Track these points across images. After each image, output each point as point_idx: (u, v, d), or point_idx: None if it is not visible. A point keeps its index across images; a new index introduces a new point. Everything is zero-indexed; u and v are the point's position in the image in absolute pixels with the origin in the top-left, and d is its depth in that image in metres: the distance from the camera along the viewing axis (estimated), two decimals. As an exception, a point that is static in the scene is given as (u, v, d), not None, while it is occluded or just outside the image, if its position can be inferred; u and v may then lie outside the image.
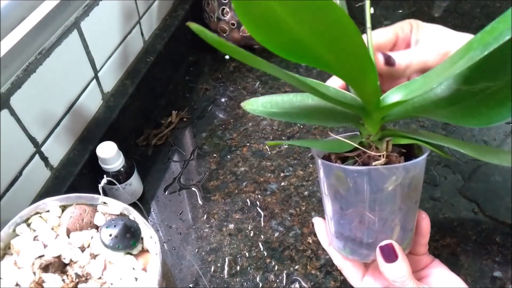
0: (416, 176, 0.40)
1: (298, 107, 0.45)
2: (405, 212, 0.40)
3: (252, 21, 0.29)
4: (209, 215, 0.68)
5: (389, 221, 0.40)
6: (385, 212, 0.40)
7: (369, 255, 0.43)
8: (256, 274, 0.60)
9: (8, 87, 0.49)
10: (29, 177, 0.55)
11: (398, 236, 0.41)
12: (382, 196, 0.39)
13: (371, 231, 0.41)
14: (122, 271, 0.41)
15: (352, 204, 0.41)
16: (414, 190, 0.40)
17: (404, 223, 0.41)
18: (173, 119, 0.82)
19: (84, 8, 0.60)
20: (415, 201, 0.41)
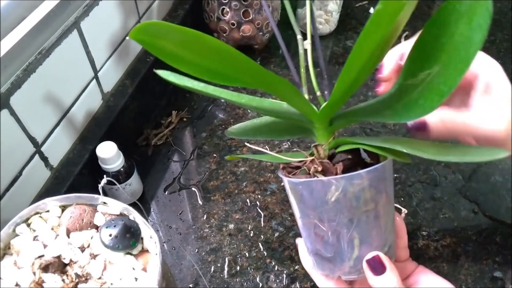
0: (368, 189, 0.37)
1: (259, 125, 0.51)
2: (362, 226, 0.38)
3: (159, 54, 0.33)
4: (209, 215, 0.68)
5: (342, 234, 0.38)
6: (335, 224, 0.38)
7: (334, 269, 0.41)
8: (256, 274, 0.60)
9: (8, 87, 0.49)
10: (29, 177, 0.54)
11: (361, 253, 0.39)
12: (327, 207, 0.38)
13: (327, 244, 0.40)
14: (122, 271, 0.41)
15: (305, 214, 0.40)
16: (369, 203, 0.37)
17: (364, 238, 0.39)
18: (173, 119, 0.82)
19: (84, 8, 0.60)
20: (374, 215, 0.38)
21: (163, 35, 0.31)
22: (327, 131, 0.41)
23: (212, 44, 0.32)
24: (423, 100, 0.33)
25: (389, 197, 0.40)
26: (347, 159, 0.40)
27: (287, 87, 0.35)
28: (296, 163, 0.42)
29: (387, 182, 0.39)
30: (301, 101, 0.39)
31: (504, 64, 0.40)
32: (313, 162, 0.40)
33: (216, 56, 0.33)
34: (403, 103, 0.35)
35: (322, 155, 0.41)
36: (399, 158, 0.36)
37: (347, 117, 0.41)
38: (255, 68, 0.32)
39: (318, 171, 0.39)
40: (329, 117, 0.41)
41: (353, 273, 0.40)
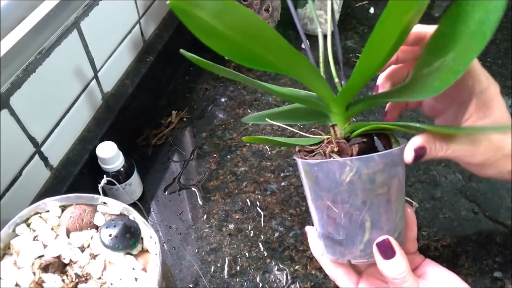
0: (381, 172, 0.38)
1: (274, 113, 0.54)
2: (374, 209, 0.39)
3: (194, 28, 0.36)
4: (209, 215, 0.68)
5: (355, 217, 0.39)
6: (348, 206, 0.39)
7: (345, 253, 0.41)
8: (256, 274, 0.60)
9: (8, 87, 0.49)
10: (28, 177, 0.54)
11: (372, 236, 0.40)
12: (342, 189, 0.39)
13: (339, 226, 0.40)
14: (122, 271, 0.41)
15: (319, 196, 0.41)
16: (381, 186, 0.39)
17: (376, 221, 0.40)
18: (173, 119, 0.82)
19: (84, 8, 0.60)
20: (386, 199, 0.39)
21: (200, 3, 0.32)
22: (344, 117, 0.43)
23: (244, 13, 0.33)
24: (438, 82, 0.34)
25: (401, 183, 0.40)
26: (362, 142, 0.41)
27: (310, 67, 0.37)
28: (311, 147, 0.43)
29: (399, 168, 0.39)
30: (321, 84, 0.40)
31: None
32: (330, 143, 0.41)
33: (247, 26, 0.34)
34: (419, 86, 0.37)
35: (339, 135, 0.42)
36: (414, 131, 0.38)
37: (364, 101, 0.42)
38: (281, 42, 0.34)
39: (334, 152, 0.40)
40: (346, 101, 0.42)
41: (363, 257, 0.41)
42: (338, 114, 0.43)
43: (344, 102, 0.42)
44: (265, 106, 0.85)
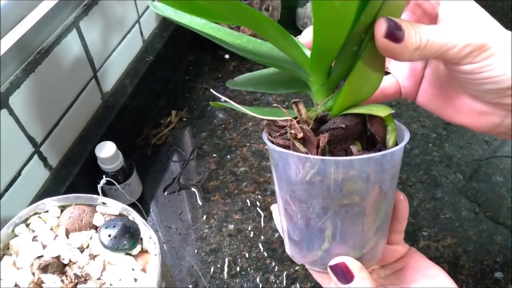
0: (354, 180, 0.30)
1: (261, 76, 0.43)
2: (337, 220, 0.32)
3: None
4: (209, 215, 0.67)
5: (312, 221, 0.32)
6: (305, 208, 0.32)
7: (300, 256, 0.36)
8: (256, 275, 0.60)
9: (7, 87, 0.49)
10: (28, 177, 0.54)
11: (332, 247, 0.33)
12: (301, 187, 0.31)
13: (295, 226, 0.34)
14: (121, 271, 0.41)
15: (280, 186, 0.34)
16: (351, 197, 0.31)
17: (338, 233, 0.32)
18: (173, 119, 0.82)
19: (83, 7, 0.59)
20: (356, 211, 0.31)
21: None
22: (324, 87, 0.33)
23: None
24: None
25: (385, 193, 0.32)
26: (339, 128, 0.31)
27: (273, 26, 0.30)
28: (282, 123, 0.33)
29: (385, 175, 0.31)
30: (289, 43, 0.32)
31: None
32: (292, 126, 0.32)
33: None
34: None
35: (304, 116, 0.32)
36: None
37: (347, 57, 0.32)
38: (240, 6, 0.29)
39: (297, 138, 0.31)
40: (324, 65, 0.32)
41: (318, 266, 0.35)
42: (317, 83, 0.33)
43: (322, 65, 0.32)
44: (265, 105, 0.85)
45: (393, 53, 0.29)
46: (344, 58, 0.31)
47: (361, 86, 0.32)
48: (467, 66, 0.29)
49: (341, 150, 0.32)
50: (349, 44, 0.30)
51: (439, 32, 0.29)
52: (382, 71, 0.32)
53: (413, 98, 0.39)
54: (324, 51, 0.31)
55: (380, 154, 0.30)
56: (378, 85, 0.33)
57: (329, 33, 0.29)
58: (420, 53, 0.29)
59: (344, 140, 0.32)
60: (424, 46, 0.29)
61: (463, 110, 0.34)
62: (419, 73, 0.37)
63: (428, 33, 0.29)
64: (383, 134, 0.32)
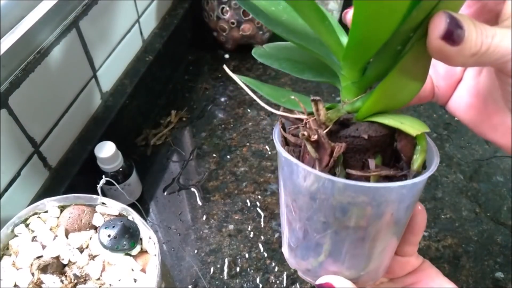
0: (363, 206, 0.27)
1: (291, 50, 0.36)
2: (337, 239, 0.29)
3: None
4: (209, 215, 0.67)
5: (310, 235, 0.30)
6: (305, 219, 0.30)
7: (294, 261, 0.34)
8: (256, 275, 0.60)
9: (7, 87, 0.48)
10: (27, 177, 0.54)
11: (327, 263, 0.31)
12: (303, 198, 0.29)
13: (293, 234, 0.32)
14: (121, 272, 0.41)
15: (283, 185, 0.32)
16: (355, 221, 0.28)
17: (336, 252, 0.30)
18: (172, 119, 0.82)
19: (83, 7, 0.59)
20: (359, 236, 0.29)
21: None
22: (356, 85, 0.29)
23: None
24: None
25: (396, 220, 0.29)
26: (361, 138, 0.28)
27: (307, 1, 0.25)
28: (298, 116, 0.30)
29: (401, 204, 0.28)
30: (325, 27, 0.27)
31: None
32: (308, 125, 0.28)
33: None
34: None
35: (322, 118, 0.28)
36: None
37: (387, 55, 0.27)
38: None
39: (309, 140, 0.28)
40: (360, 61, 0.28)
41: (311, 276, 0.33)
42: (348, 78, 0.29)
43: (357, 60, 0.28)
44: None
45: (446, 57, 0.25)
46: (384, 57, 0.27)
47: (396, 92, 0.28)
48: None
49: (358, 161, 0.29)
50: (393, 42, 0.26)
51: (504, 37, 0.24)
52: (423, 79, 0.28)
53: (445, 102, 0.34)
54: (362, 46, 0.26)
55: (397, 185, 0.26)
56: (416, 94, 0.29)
57: (371, 27, 0.25)
58: (477, 60, 0.24)
59: (363, 151, 0.28)
60: (484, 51, 0.24)
61: (500, 128, 0.29)
62: (458, 74, 0.33)
63: (492, 36, 0.24)
64: (410, 153, 0.28)
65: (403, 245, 0.36)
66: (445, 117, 0.81)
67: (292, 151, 0.30)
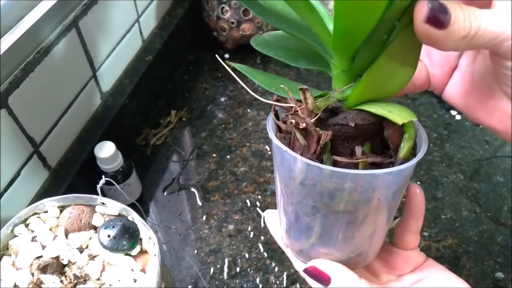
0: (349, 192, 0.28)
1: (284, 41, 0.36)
2: (326, 223, 0.30)
3: None
4: (209, 215, 0.67)
5: (301, 218, 0.31)
6: (296, 202, 0.31)
7: (287, 241, 0.35)
8: (256, 276, 0.60)
9: (6, 87, 0.48)
10: (27, 177, 0.54)
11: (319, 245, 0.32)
12: (293, 183, 0.30)
13: (286, 217, 0.33)
14: (121, 272, 0.41)
15: (277, 171, 0.32)
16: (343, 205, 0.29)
17: (327, 235, 0.31)
18: (172, 119, 0.82)
19: (83, 7, 0.59)
20: (348, 220, 0.30)
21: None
22: (346, 73, 0.30)
23: None
24: None
25: (385, 204, 0.30)
26: (348, 126, 0.28)
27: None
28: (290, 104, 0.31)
29: (387, 190, 0.29)
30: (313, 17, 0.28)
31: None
32: (297, 113, 0.29)
33: None
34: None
35: (310, 106, 0.29)
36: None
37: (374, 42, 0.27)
38: None
39: (298, 128, 0.28)
40: (348, 49, 0.28)
41: (303, 257, 0.34)
42: (338, 67, 0.30)
43: (345, 49, 0.28)
44: (265, 105, 0.84)
45: (434, 41, 0.25)
46: (371, 46, 0.27)
47: (385, 80, 0.28)
48: None
49: (347, 149, 0.29)
50: (378, 31, 0.26)
51: (494, 18, 0.24)
52: (413, 66, 0.28)
53: (441, 90, 0.34)
54: (347, 35, 0.27)
55: (382, 172, 0.27)
56: (407, 81, 0.29)
57: (353, 16, 0.25)
58: (468, 42, 0.25)
59: (352, 139, 0.29)
60: (473, 34, 0.24)
61: (496, 112, 0.30)
62: (452, 61, 0.32)
63: (480, 18, 0.24)
64: (397, 141, 0.29)
65: (404, 234, 0.36)
66: (445, 117, 0.81)
67: (283, 138, 0.31)
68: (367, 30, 0.25)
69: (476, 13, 0.24)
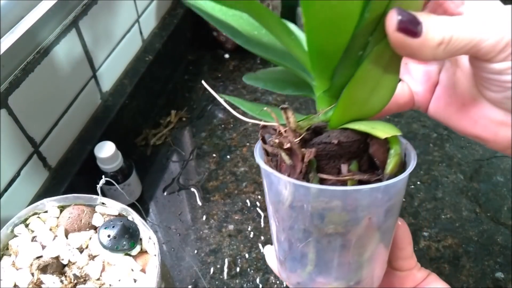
0: (338, 211, 0.27)
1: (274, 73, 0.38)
2: (319, 248, 0.29)
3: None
4: (209, 215, 0.67)
5: (294, 245, 0.30)
6: (288, 228, 0.30)
7: (285, 274, 0.34)
8: (256, 276, 0.60)
9: (6, 87, 0.48)
10: (27, 178, 0.54)
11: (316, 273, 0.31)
12: (282, 207, 0.29)
13: (280, 246, 0.32)
14: (121, 272, 0.41)
15: (267, 201, 0.32)
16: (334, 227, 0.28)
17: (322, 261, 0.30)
18: (172, 119, 0.82)
19: (83, 7, 0.59)
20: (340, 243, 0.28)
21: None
22: (327, 94, 0.29)
23: None
24: None
25: (378, 225, 0.29)
26: (331, 144, 0.28)
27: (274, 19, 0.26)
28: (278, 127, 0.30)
29: (377, 208, 0.28)
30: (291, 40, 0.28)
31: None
32: (283, 134, 0.29)
33: None
34: None
35: (292, 124, 0.28)
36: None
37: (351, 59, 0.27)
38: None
39: (283, 148, 0.28)
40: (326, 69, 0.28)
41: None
42: (319, 88, 0.29)
43: (323, 69, 0.28)
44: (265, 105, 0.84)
45: (411, 51, 0.25)
46: (347, 64, 0.27)
47: (365, 97, 0.28)
48: (500, 64, 0.25)
49: (334, 168, 0.29)
50: (353, 48, 0.26)
51: (467, 23, 0.25)
52: (393, 82, 0.28)
53: (426, 107, 0.34)
54: (322, 53, 0.27)
55: (368, 188, 0.26)
56: (389, 98, 0.29)
57: (324, 35, 0.25)
58: (445, 49, 0.25)
59: (337, 157, 0.28)
60: (449, 40, 0.24)
61: (480, 120, 0.29)
62: (433, 77, 0.33)
63: (453, 24, 0.25)
64: (382, 157, 0.28)
65: (396, 260, 0.36)
66: (445, 117, 0.81)
67: (270, 161, 0.31)
68: (341, 46, 0.26)
69: (448, 20, 0.25)
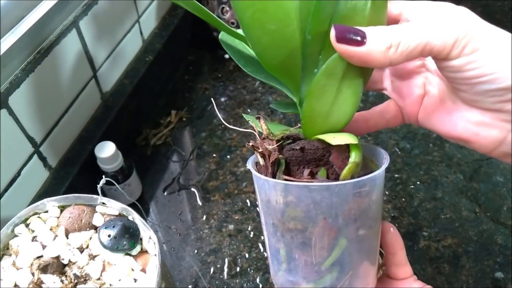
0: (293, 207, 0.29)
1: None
2: (286, 243, 0.31)
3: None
4: (209, 215, 0.67)
5: (269, 240, 0.32)
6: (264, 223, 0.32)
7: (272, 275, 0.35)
8: (256, 275, 0.60)
9: (7, 87, 0.48)
10: (27, 177, 0.54)
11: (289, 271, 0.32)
12: (261, 205, 0.32)
13: (266, 246, 0.34)
14: (121, 272, 0.41)
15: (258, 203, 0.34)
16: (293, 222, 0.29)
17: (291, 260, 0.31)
18: (172, 119, 0.82)
19: (83, 7, 0.59)
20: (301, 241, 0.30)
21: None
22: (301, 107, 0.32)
23: None
24: None
25: (337, 229, 0.29)
26: (297, 150, 0.31)
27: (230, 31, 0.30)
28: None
29: (331, 210, 0.29)
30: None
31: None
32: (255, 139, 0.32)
33: None
34: None
35: (265, 131, 0.32)
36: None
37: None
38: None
39: (258, 151, 0.31)
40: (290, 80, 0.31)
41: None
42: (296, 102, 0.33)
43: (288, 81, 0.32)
44: (265, 105, 0.85)
45: (361, 58, 0.27)
46: (307, 80, 0.30)
47: (327, 111, 0.30)
48: (457, 61, 0.26)
49: (301, 173, 0.31)
50: (309, 66, 0.29)
51: (414, 27, 0.26)
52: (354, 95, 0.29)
53: (415, 119, 0.35)
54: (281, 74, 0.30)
55: (317, 185, 0.28)
56: (352, 110, 0.30)
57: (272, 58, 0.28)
58: (397, 53, 0.26)
59: (305, 163, 0.31)
60: (397, 44, 0.26)
61: (460, 122, 0.31)
62: (419, 91, 0.34)
63: (400, 30, 0.26)
64: (341, 164, 0.30)
65: (389, 266, 0.37)
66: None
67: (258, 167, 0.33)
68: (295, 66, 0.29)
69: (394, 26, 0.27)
